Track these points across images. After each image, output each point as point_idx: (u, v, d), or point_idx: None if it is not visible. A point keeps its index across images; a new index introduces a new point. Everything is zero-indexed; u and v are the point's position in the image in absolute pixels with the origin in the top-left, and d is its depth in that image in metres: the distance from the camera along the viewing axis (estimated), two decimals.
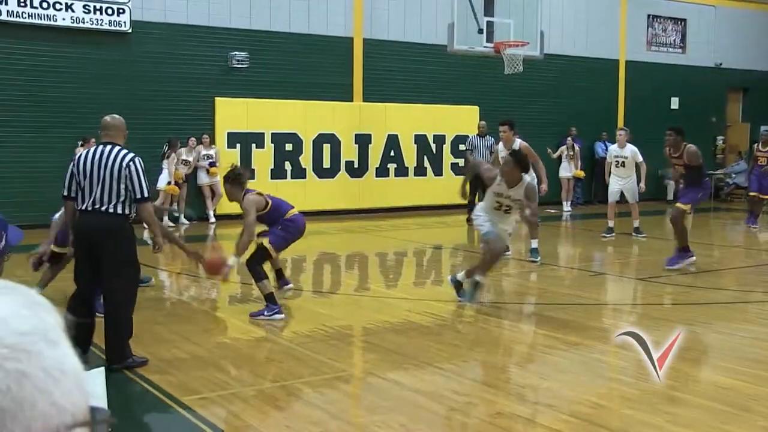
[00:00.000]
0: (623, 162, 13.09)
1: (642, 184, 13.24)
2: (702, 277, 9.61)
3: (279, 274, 7.98)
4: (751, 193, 15.31)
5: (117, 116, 5.95)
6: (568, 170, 18.49)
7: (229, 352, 6.08)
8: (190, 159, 14.97)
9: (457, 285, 8.07)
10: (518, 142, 10.94)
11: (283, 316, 7.16)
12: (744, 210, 17.14)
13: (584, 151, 19.41)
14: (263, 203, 7.23)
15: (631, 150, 13.10)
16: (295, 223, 7.26)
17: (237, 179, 7.30)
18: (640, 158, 13.15)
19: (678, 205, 10.10)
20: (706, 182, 10.36)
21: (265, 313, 7.10)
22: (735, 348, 6.32)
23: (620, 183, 13.11)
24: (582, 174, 18.85)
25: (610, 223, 13.28)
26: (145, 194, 5.61)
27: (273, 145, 15.84)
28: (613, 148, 13.36)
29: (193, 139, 14.97)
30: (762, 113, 23.01)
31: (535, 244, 10.62)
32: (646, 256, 11.54)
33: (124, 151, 5.65)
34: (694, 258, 9.96)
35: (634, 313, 7.74)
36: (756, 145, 15.56)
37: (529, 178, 7.91)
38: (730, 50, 22.62)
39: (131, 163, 5.59)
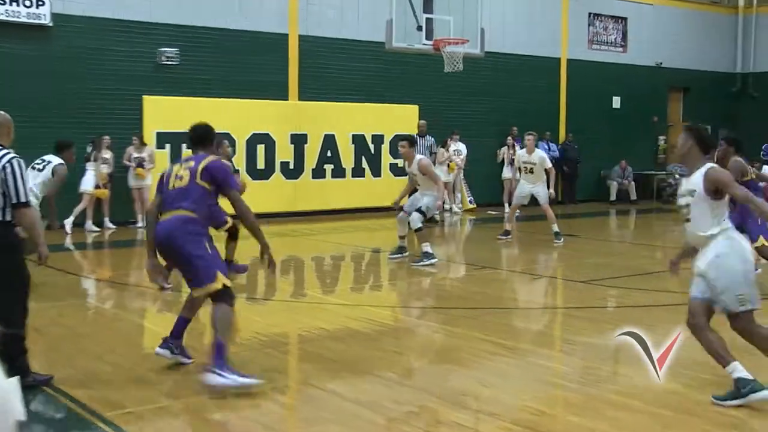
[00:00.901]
0: (531, 168, 13.01)
1: (551, 190, 13.25)
2: (645, 279, 9.78)
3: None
4: None
5: (1, 113, 5.61)
6: (509, 171, 18.66)
7: (157, 363, 5.95)
8: (108, 156, 14.62)
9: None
10: (417, 159, 11.08)
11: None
12: None
13: None
14: None
15: (539, 156, 13.05)
16: None
17: None
18: (549, 164, 13.15)
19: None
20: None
21: None
22: (679, 351, 6.43)
23: (529, 187, 13.05)
24: None
25: (508, 226, 13.36)
26: (22, 199, 5.22)
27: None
28: (521, 153, 13.31)
29: (107, 137, 14.57)
30: (702, 113, 23.60)
31: (426, 248, 10.72)
32: (586, 258, 11.71)
33: (3, 152, 5.29)
34: None
35: (577, 317, 7.83)
36: None
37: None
38: (670, 50, 23.17)
39: (8, 164, 5.22)
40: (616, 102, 22.35)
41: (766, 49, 24.28)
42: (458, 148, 18.00)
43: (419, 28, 14.83)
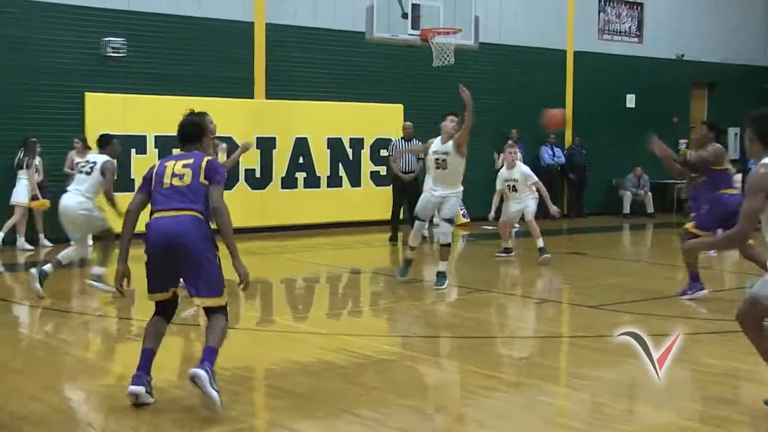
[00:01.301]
0: (514, 186, 13.23)
1: (554, 208, 13.51)
2: (663, 303, 9.88)
3: None
4: None
5: None
6: None
7: (103, 402, 5.97)
8: (37, 163, 14.61)
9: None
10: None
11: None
12: None
13: (528, 157, 19.76)
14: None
15: (521, 172, 13.24)
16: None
17: None
18: (534, 179, 13.39)
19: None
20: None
21: None
22: (697, 386, 6.52)
23: (516, 206, 13.31)
24: None
25: (507, 243, 13.60)
26: None
27: (157, 150, 15.63)
28: (502, 171, 13.58)
29: (33, 140, 14.55)
30: (730, 112, 23.76)
31: (442, 267, 10.83)
32: (596, 280, 11.81)
33: None
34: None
35: (586, 347, 7.92)
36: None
37: None
38: (693, 39, 23.42)
39: None
40: (631, 100, 22.57)
41: None
42: None
43: (404, 15, 14.97)
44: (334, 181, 17.75)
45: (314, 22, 17.70)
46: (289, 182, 17.25)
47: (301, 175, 17.35)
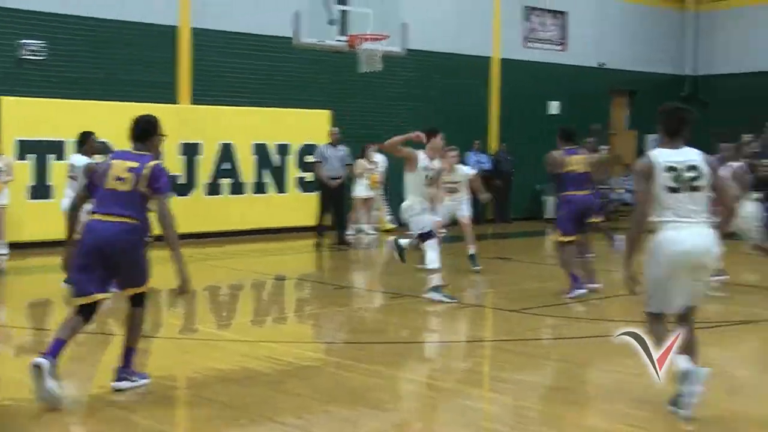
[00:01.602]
0: (454, 188, 12.98)
1: (484, 195, 13.52)
2: (585, 306, 10.04)
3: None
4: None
5: None
6: None
7: (18, 418, 5.82)
8: None
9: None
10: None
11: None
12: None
13: None
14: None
15: (462, 173, 13.14)
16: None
17: None
18: (472, 171, 13.53)
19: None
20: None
21: None
22: (619, 387, 6.64)
23: (451, 206, 12.93)
24: None
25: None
26: None
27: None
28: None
29: None
30: (650, 119, 24.31)
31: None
32: (519, 284, 11.94)
33: None
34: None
35: (509, 351, 7.99)
36: None
37: None
38: (614, 48, 23.91)
39: None
40: (554, 107, 22.90)
41: (717, 49, 25.31)
42: (375, 161, 18.12)
43: (332, 21, 14.97)
44: (259, 188, 17.65)
45: (241, 26, 17.59)
46: (214, 189, 17.10)
47: (226, 182, 17.21)
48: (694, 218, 5.65)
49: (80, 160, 10.36)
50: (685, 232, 5.60)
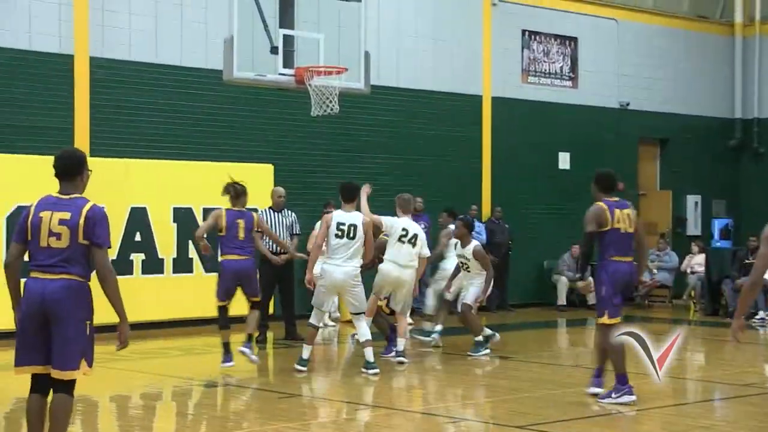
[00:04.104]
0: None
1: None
2: (612, 421, 10.07)
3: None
4: None
5: None
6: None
7: None
8: None
9: None
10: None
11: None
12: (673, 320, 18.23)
13: (434, 233, 19.93)
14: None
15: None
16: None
17: None
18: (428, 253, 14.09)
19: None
20: None
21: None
22: None
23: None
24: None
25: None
26: None
27: None
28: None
29: None
30: (686, 176, 24.42)
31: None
32: (526, 392, 11.96)
33: None
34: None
35: None
36: None
37: None
38: (639, 84, 24.12)
39: None
40: (564, 161, 22.97)
41: None
42: None
43: (274, 50, 15.06)
44: (182, 265, 17.56)
45: (155, 56, 17.69)
46: (121, 267, 16.95)
47: (138, 257, 17.13)
48: None
49: None
50: None
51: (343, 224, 12.68)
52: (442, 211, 17.06)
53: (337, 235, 12.67)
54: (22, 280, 7.22)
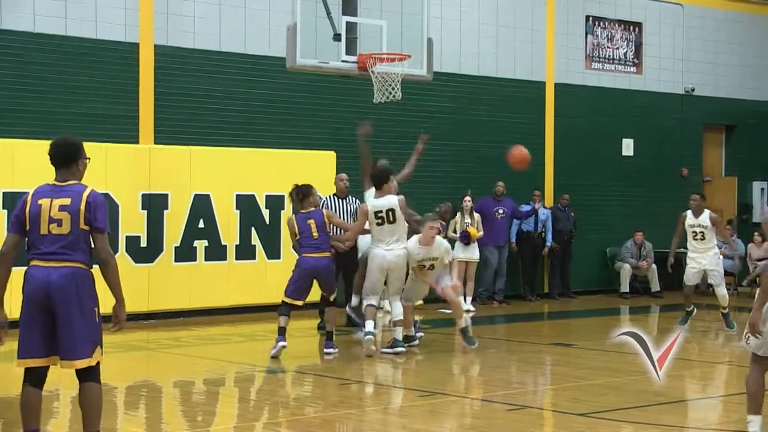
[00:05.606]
0: (432, 265, 13.64)
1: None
2: (676, 409, 9.97)
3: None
4: None
5: None
6: (462, 249, 18.71)
7: None
8: None
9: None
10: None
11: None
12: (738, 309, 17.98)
13: (490, 224, 19.79)
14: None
15: (444, 248, 13.72)
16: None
17: None
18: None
19: None
20: None
21: None
22: None
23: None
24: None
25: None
26: None
27: (6, 211, 15.48)
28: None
29: None
30: (754, 162, 24.16)
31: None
32: (587, 379, 11.88)
33: None
34: None
35: None
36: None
37: None
38: (706, 70, 23.88)
39: None
40: (628, 147, 22.84)
41: None
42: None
43: (336, 37, 15.04)
44: (245, 252, 17.62)
45: (218, 44, 17.76)
46: (185, 254, 17.08)
47: (201, 244, 17.22)
48: None
49: None
50: None
51: (380, 211, 13.06)
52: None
53: (378, 223, 13.09)
54: (23, 269, 7.17)
